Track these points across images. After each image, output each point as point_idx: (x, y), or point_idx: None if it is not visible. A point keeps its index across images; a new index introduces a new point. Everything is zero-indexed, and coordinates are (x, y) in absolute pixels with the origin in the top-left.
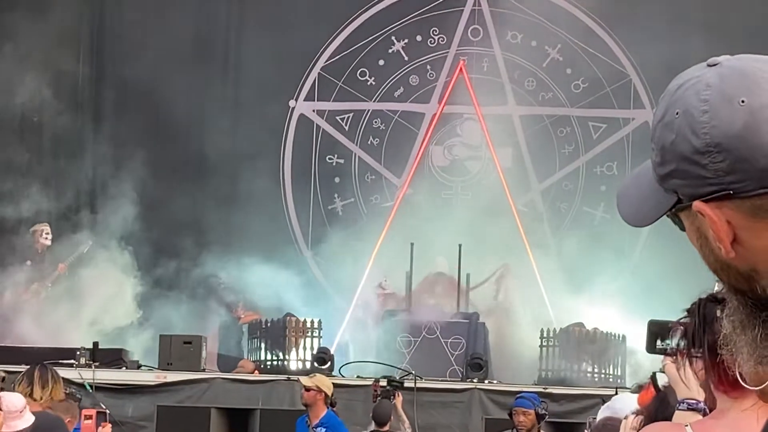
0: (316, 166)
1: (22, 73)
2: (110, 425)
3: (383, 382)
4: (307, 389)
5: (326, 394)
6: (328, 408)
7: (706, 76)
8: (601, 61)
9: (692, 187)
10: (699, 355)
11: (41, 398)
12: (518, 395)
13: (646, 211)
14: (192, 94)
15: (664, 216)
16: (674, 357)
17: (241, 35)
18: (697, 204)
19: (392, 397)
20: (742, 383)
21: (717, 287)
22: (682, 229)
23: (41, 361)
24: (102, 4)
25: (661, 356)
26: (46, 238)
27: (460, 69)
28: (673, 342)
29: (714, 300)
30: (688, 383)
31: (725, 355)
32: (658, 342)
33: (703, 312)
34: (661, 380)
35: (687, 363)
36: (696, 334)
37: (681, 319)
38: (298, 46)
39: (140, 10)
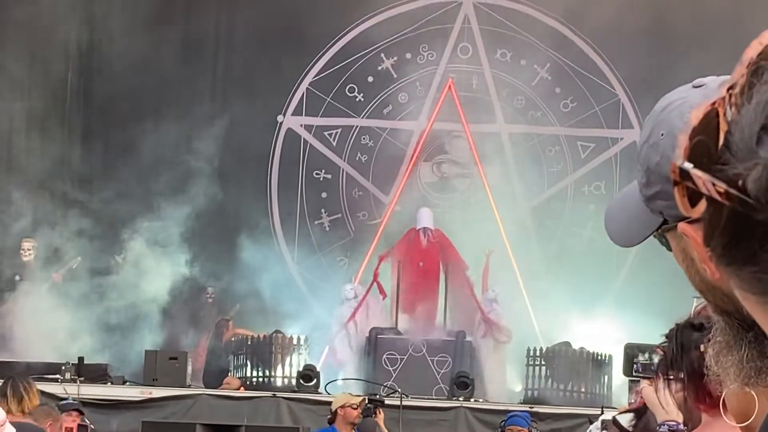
0: (303, 180)
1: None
2: None
3: (365, 400)
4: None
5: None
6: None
7: (691, 97)
8: (590, 80)
9: (677, 208)
10: (678, 378)
11: (18, 411)
12: (510, 414)
13: (633, 231)
14: (180, 108)
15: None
16: (651, 380)
17: (230, 49)
18: (681, 226)
19: (373, 414)
20: (723, 413)
21: (695, 305)
22: (669, 249)
23: (24, 375)
24: (91, 20)
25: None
26: (28, 254)
27: (449, 87)
28: (649, 365)
29: (691, 326)
30: (667, 406)
31: (710, 378)
32: (635, 365)
33: (681, 339)
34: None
35: (665, 386)
36: (675, 360)
37: (659, 345)
38: (286, 61)
39: (129, 23)
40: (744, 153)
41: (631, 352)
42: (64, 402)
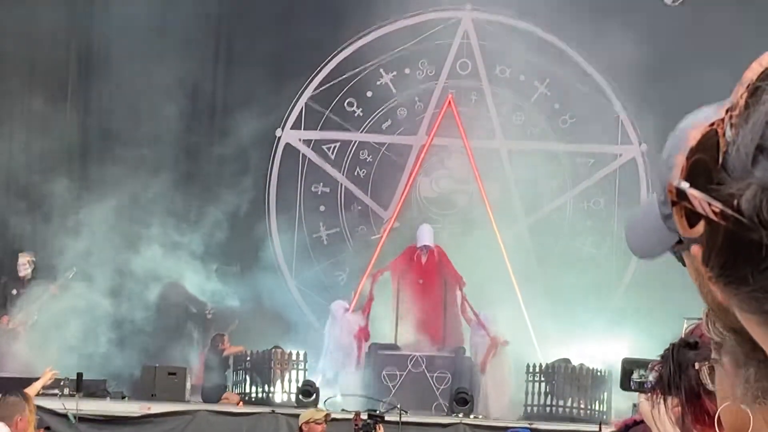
0: (301, 194)
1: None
2: None
3: (365, 416)
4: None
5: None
6: None
7: (715, 118)
8: (589, 96)
9: None
10: (676, 397)
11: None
12: (511, 430)
13: (651, 245)
14: (179, 121)
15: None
16: (648, 395)
17: (229, 63)
18: (694, 248)
19: (373, 430)
20: (718, 431)
21: (686, 326)
22: (684, 265)
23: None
24: (88, 37)
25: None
26: (24, 269)
27: (449, 102)
28: (648, 377)
29: (687, 345)
30: (663, 426)
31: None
32: (633, 379)
33: (677, 358)
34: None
35: (661, 403)
36: (672, 380)
37: (654, 365)
38: (285, 76)
39: (127, 40)
40: (739, 173)
41: (628, 367)
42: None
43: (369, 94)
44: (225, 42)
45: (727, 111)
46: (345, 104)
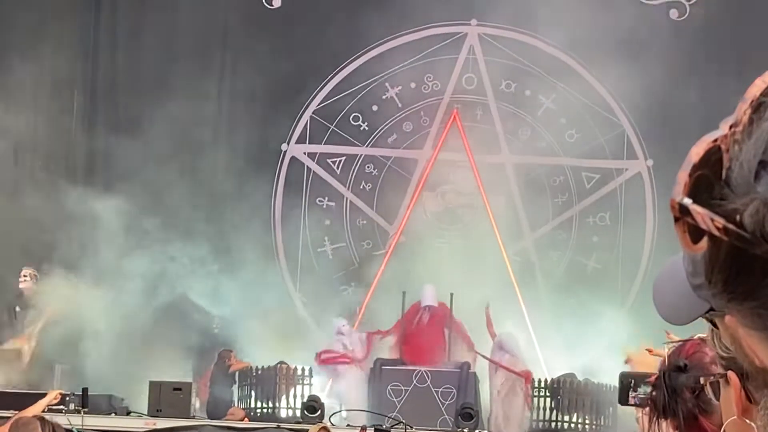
0: (306, 208)
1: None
2: None
3: (371, 431)
4: None
5: None
6: None
7: None
8: (595, 111)
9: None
10: (673, 421)
11: None
12: None
13: (681, 312)
14: (184, 135)
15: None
16: (646, 408)
17: (234, 76)
18: (728, 319)
19: None
20: None
21: (666, 349)
22: (716, 328)
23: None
24: (96, 50)
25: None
26: (24, 280)
27: (454, 117)
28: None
29: (677, 369)
30: None
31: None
32: (630, 394)
33: (670, 383)
34: None
35: (658, 422)
36: (667, 406)
37: (652, 380)
38: (290, 90)
39: (135, 51)
40: (742, 188)
41: (626, 381)
42: None
43: (375, 108)
44: (231, 55)
45: (730, 127)
46: (350, 118)
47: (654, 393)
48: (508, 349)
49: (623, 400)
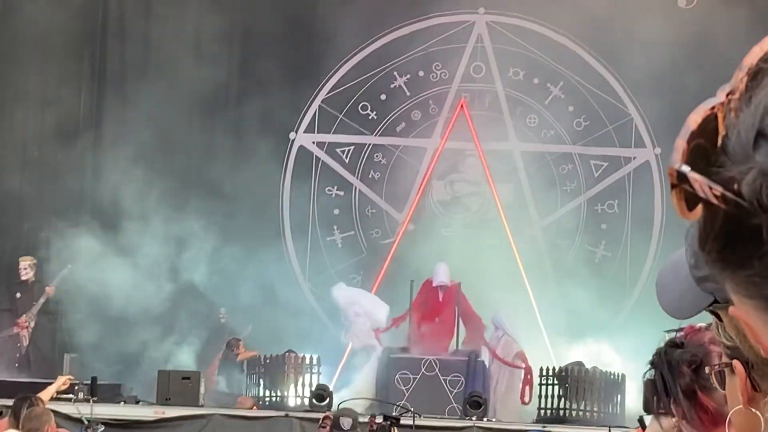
0: (314, 197)
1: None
2: None
3: (379, 419)
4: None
5: None
6: None
7: None
8: (603, 99)
9: (728, 292)
10: (676, 401)
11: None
12: None
13: (685, 305)
14: (192, 125)
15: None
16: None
17: (243, 66)
18: (732, 310)
19: None
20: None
21: (666, 338)
22: (720, 321)
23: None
24: (104, 41)
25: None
26: (25, 273)
27: (462, 106)
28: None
29: (673, 345)
30: None
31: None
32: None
33: (668, 359)
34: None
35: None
36: (666, 383)
37: (646, 376)
38: (299, 79)
39: (142, 45)
40: (740, 156)
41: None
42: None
43: (383, 97)
44: (239, 45)
45: (727, 95)
46: (359, 107)
47: (653, 372)
48: (501, 326)
49: (648, 409)
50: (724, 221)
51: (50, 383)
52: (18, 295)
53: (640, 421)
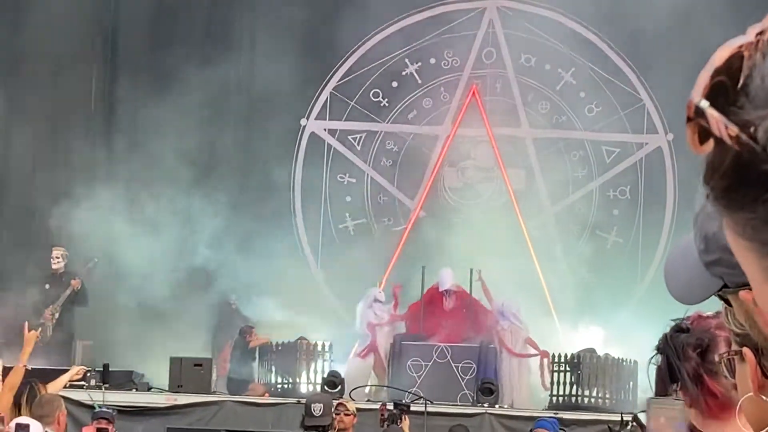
0: (326, 184)
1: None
2: None
3: (390, 406)
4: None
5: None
6: None
7: None
8: (615, 85)
9: (737, 276)
10: (682, 386)
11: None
12: (539, 420)
13: (694, 290)
14: (204, 112)
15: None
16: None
17: (253, 53)
18: (742, 294)
19: (399, 420)
20: (738, 418)
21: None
22: (730, 306)
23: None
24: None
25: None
26: (57, 262)
27: (473, 92)
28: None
29: (679, 330)
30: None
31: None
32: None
33: (673, 343)
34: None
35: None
36: (673, 367)
37: (652, 362)
38: (310, 66)
39: (153, 23)
40: (761, 101)
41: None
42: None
43: (394, 84)
44: (249, 33)
45: (756, 35)
46: (371, 94)
47: (660, 358)
48: (509, 315)
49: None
50: (733, 162)
51: (65, 371)
52: (47, 286)
53: (635, 419)
